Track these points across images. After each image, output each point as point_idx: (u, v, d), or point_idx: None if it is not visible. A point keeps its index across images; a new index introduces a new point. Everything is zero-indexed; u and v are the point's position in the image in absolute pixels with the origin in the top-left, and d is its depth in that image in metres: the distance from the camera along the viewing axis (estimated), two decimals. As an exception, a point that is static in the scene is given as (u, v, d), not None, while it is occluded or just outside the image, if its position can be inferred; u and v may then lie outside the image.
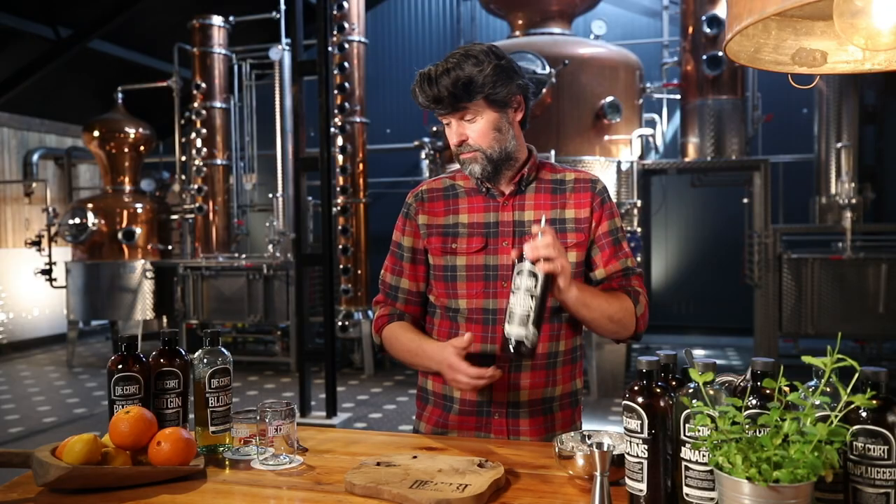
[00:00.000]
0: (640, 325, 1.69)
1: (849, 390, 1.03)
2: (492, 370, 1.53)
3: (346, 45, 7.50)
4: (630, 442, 1.19)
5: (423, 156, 7.33)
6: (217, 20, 8.16)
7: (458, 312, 1.71)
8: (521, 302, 1.44)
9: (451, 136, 1.65)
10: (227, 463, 1.50)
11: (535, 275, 1.45)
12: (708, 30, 6.63)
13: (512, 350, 1.45)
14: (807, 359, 1.07)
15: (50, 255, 8.53)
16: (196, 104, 8.11)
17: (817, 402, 1.04)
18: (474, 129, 1.62)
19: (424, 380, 1.81)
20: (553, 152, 5.98)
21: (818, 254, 6.40)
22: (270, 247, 7.85)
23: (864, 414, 1.04)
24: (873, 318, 6.20)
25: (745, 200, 7.87)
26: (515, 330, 1.44)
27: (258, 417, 1.48)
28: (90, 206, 8.15)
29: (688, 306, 9.43)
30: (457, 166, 1.78)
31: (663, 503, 1.17)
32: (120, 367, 1.50)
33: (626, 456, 1.20)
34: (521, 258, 1.47)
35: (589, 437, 1.44)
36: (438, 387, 1.75)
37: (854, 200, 6.43)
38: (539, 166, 1.73)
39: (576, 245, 1.68)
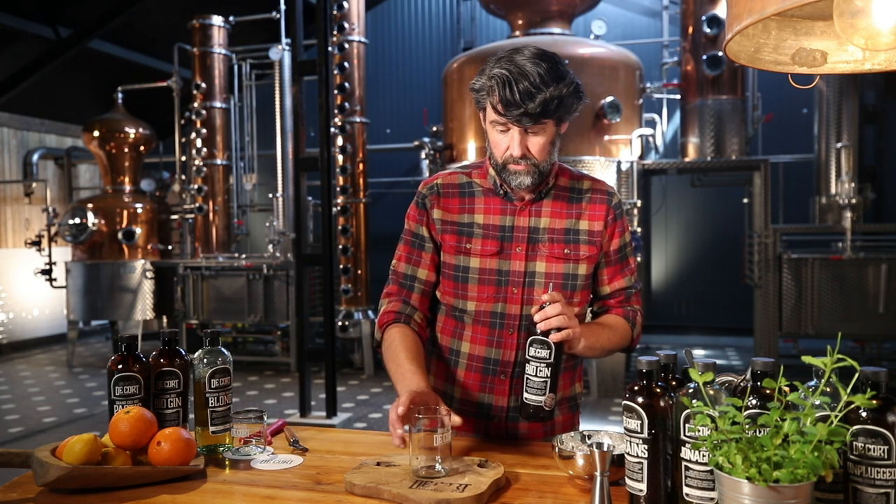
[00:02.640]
0: (633, 342, 1.74)
1: (849, 390, 1.03)
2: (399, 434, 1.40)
3: (346, 45, 7.50)
4: (630, 442, 1.19)
5: (423, 156, 7.33)
6: (217, 20, 8.16)
7: (464, 313, 1.69)
8: (537, 372, 1.49)
9: (511, 145, 1.56)
10: (227, 463, 1.50)
11: (548, 345, 1.48)
12: (708, 30, 6.63)
13: (532, 415, 1.50)
14: (807, 359, 1.07)
15: (50, 255, 8.53)
16: (196, 104, 8.11)
17: (817, 402, 1.04)
18: (536, 143, 1.57)
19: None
20: (553, 152, 5.97)
21: (818, 254, 6.39)
22: (270, 247, 7.85)
23: (864, 414, 1.04)
24: (873, 318, 6.20)
25: (745, 200, 7.87)
26: (534, 397, 1.49)
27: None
28: (90, 206, 8.15)
29: (688, 306, 9.42)
30: (461, 164, 1.77)
31: (663, 503, 1.17)
32: (120, 367, 1.50)
33: (626, 456, 1.20)
34: (533, 326, 1.50)
35: (589, 437, 1.44)
36: (440, 383, 1.75)
37: (854, 200, 6.43)
38: (557, 172, 1.71)
39: (587, 258, 1.68)
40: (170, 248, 8.47)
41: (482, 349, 1.68)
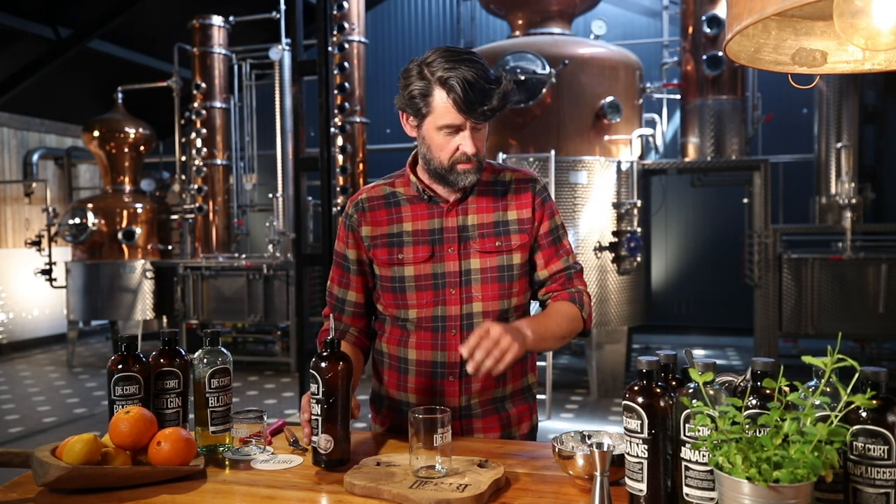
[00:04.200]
0: (587, 325, 1.72)
1: (849, 390, 1.03)
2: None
3: (346, 45, 7.50)
4: (630, 442, 1.19)
5: (423, 156, 7.33)
6: (217, 20, 8.16)
7: (407, 321, 1.71)
8: (311, 406, 1.44)
9: (464, 143, 1.58)
10: (227, 463, 1.50)
11: (315, 377, 1.43)
12: (708, 30, 6.63)
13: (315, 459, 1.45)
14: (807, 359, 1.07)
15: (50, 255, 8.53)
16: (196, 104, 8.11)
17: (817, 402, 1.04)
18: (480, 139, 1.62)
19: (378, 385, 1.82)
20: (553, 152, 5.98)
21: (818, 254, 6.39)
22: (270, 247, 7.85)
23: (864, 414, 1.04)
24: (873, 318, 6.20)
25: (745, 200, 7.87)
26: (313, 437, 1.45)
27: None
28: (90, 206, 8.14)
29: (688, 306, 9.42)
30: (393, 172, 1.78)
31: (663, 503, 1.17)
32: (120, 367, 1.50)
33: (626, 456, 1.20)
34: (313, 368, 1.45)
35: (589, 437, 1.44)
36: (393, 392, 1.77)
37: (854, 200, 6.43)
38: None
39: (520, 246, 1.69)
40: (170, 248, 8.47)
41: (428, 353, 1.69)
